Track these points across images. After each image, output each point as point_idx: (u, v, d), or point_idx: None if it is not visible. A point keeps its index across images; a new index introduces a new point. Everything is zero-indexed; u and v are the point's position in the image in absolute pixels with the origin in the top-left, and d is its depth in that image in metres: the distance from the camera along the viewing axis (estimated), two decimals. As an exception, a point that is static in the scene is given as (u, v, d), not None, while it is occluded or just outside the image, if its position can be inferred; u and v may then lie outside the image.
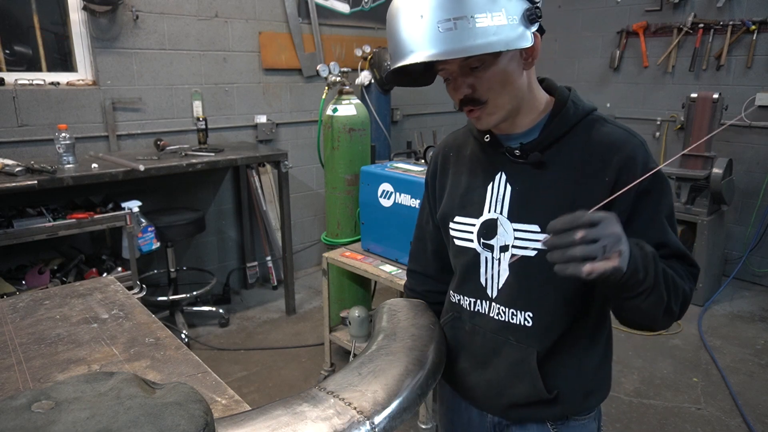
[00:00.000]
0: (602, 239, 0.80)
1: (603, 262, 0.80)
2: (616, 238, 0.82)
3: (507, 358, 1.09)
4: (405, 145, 4.54)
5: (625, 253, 0.83)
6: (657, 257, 0.92)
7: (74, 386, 0.81)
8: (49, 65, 3.27)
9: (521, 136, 1.06)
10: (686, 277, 1.01)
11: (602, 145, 1.01)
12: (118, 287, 1.60)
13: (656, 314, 0.95)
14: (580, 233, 0.79)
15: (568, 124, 1.03)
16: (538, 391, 1.06)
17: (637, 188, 0.96)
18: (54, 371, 1.12)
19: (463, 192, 1.13)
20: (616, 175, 0.99)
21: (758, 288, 4.14)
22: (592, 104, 1.07)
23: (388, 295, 3.26)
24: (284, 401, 0.87)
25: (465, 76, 0.97)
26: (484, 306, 1.11)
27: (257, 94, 4.03)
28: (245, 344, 3.40)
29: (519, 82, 1.00)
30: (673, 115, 4.43)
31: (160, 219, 3.18)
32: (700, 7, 4.18)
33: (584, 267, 0.79)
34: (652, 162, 1.00)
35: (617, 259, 0.82)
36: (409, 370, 0.97)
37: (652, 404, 2.75)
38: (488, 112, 1.00)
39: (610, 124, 1.04)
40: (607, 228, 0.81)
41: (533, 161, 1.03)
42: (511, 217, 1.05)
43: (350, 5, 4.42)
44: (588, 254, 0.79)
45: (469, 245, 1.11)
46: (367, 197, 2.58)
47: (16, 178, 2.58)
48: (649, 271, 0.89)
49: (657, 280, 0.91)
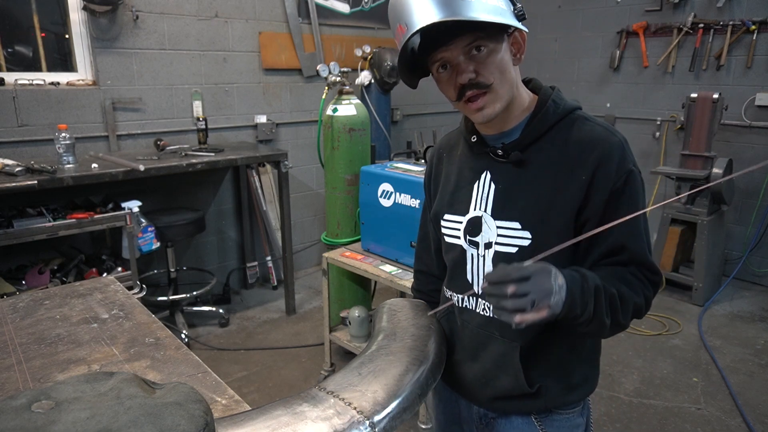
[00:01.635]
0: (532, 293, 0.86)
1: (532, 314, 0.87)
2: (545, 293, 0.88)
3: (492, 351, 1.12)
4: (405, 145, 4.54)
5: (555, 303, 0.89)
6: (600, 288, 0.96)
7: (74, 386, 0.81)
8: (49, 65, 3.27)
9: (505, 135, 1.08)
10: (640, 287, 1.02)
11: (580, 143, 1.02)
12: (118, 287, 1.60)
13: (600, 333, 1.03)
14: (511, 288, 0.85)
15: (548, 123, 1.04)
16: (520, 385, 1.08)
17: (611, 188, 0.99)
18: (54, 371, 1.12)
19: (453, 190, 1.16)
20: (592, 174, 1.00)
21: (758, 288, 4.14)
22: (575, 103, 1.08)
23: (388, 295, 3.26)
24: (284, 401, 0.87)
25: (468, 61, 0.97)
26: (471, 301, 1.14)
27: (257, 94, 4.03)
28: (245, 344, 3.40)
29: (513, 75, 1.02)
30: (673, 115, 4.43)
31: (160, 219, 3.18)
32: (700, 7, 4.18)
33: (515, 318, 0.87)
34: (629, 162, 1.01)
35: (545, 311, 0.88)
36: (409, 370, 0.97)
37: (652, 404, 2.75)
38: (492, 99, 1.00)
39: (591, 123, 1.05)
40: (538, 283, 0.87)
41: (514, 160, 1.05)
42: (494, 215, 1.08)
43: (350, 5, 4.42)
44: (517, 307, 0.86)
45: (457, 242, 1.14)
46: (367, 197, 2.58)
47: (16, 178, 2.58)
48: (588, 306, 0.95)
49: (598, 310, 0.96)
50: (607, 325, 0.99)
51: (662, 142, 4.53)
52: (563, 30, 4.97)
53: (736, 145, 4.15)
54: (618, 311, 0.99)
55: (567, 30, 4.97)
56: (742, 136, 4.13)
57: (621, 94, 4.75)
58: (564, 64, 5.04)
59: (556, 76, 4.99)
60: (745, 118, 4.06)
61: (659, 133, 4.54)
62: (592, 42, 4.84)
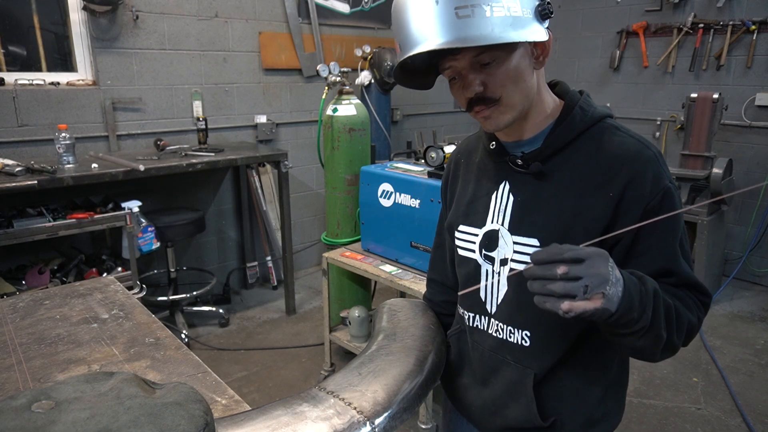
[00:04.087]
0: (585, 278, 0.76)
1: (584, 302, 0.77)
2: (601, 279, 0.77)
3: (504, 378, 1.04)
4: (405, 145, 4.54)
5: (611, 294, 0.78)
6: (659, 293, 0.86)
7: (74, 386, 0.81)
8: (49, 65, 3.27)
9: (526, 144, 1.01)
10: (694, 307, 0.94)
11: (610, 156, 0.93)
12: (118, 287, 1.60)
13: (654, 351, 0.90)
14: (562, 269, 0.76)
15: (574, 132, 0.96)
16: (532, 417, 1.00)
17: (644, 207, 0.90)
18: (54, 371, 1.12)
19: (469, 200, 1.09)
20: (621, 191, 0.91)
21: (758, 288, 4.14)
22: (606, 110, 0.99)
23: (388, 295, 3.26)
24: (284, 401, 0.87)
25: (476, 73, 0.91)
26: (483, 322, 1.08)
27: (257, 94, 4.03)
28: (245, 344, 3.40)
29: (530, 82, 0.94)
30: (673, 115, 4.43)
31: (160, 219, 3.18)
32: (700, 7, 4.18)
33: (563, 304, 0.76)
34: (665, 178, 0.92)
35: (600, 301, 0.77)
36: (409, 370, 0.97)
37: (652, 404, 2.75)
38: (500, 111, 0.93)
39: (623, 134, 0.96)
40: (593, 267, 0.77)
41: (534, 171, 0.97)
42: (511, 229, 1.00)
43: (350, 5, 4.42)
44: (567, 292, 0.76)
45: (471, 255, 1.07)
46: (367, 197, 2.58)
47: (16, 178, 2.58)
48: (647, 310, 0.83)
49: (656, 318, 0.85)
50: (663, 340, 0.87)
51: (662, 142, 4.53)
52: (563, 30, 4.98)
53: (736, 145, 4.15)
54: (673, 326, 0.88)
55: (567, 30, 4.97)
56: (742, 136, 4.13)
57: (621, 94, 4.75)
58: (564, 64, 5.04)
59: (556, 76, 4.88)
60: (745, 118, 4.06)
61: (659, 133, 4.54)
62: (592, 42, 4.85)
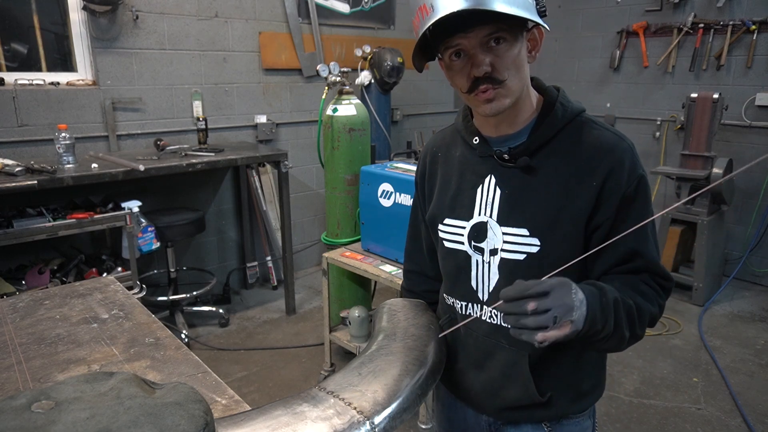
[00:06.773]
0: (553, 309, 0.83)
1: (555, 331, 0.85)
2: (567, 308, 0.85)
3: (500, 361, 1.09)
4: (405, 145, 4.54)
5: (577, 318, 0.87)
6: (618, 301, 0.94)
7: (74, 386, 0.81)
8: (49, 65, 3.27)
9: (511, 138, 1.05)
10: (654, 296, 1.01)
11: (591, 148, 1.00)
12: (118, 287, 1.60)
13: (619, 347, 1.00)
14: (532, 305, 0.82)
15: (557, 127, 1.02)
16: (530, 395, 1.06)
17: (622, 194, 0.98)
18: (54, 371, 1.12)
19: (453, 194, 1.13)
20: (602, 181, 0.98)
21: (758, 288, 4.14)
22: (580, 105, 1.06)
23: (388, 295, 3.25)
24: (284, 401, 0.87)
25: (485, 53, 0.93)
26: (476, 310, 1.11)
27: (257, 94, 4.03)
28: (245, 344, 3.40)
29: (527, 72, 1.00)
30: (673, 115, 4.43)
31: (160, 219, 3.18)
32: (700, 7, 4.18)
33: (537, 336, 0.84)
34: (639, 168, 1.00)
35: (568, 327, 0.87)
36: (409, 370, 0.97)
37: (652, 404, 2.75)
38: (503, 94, 0.96)
39: (600, 127, 1.04)
40: (559, 298, 0.84)
41: (522, 165, 1.02)
42: (500, 221, 1.05)
43: (350, 5, 4.42)
44: (539, 324, 0.83)
45: (460, 247, 1.11)
46: (367, 197, 2.58)
47: (16, 178, 2.58)
48: (609, 320, 0.93)
49: (618, 325, 0.94)
50: (626, 339, 0.97)
51: (662, 142, 4.53)
52: (563, 30, 4.98)
53: (736, 145, 4.15)
54: (635, 323, 0.98)
55: (567, 30, 4.97)
56: (742, 136, 4.13)
57: (621, 94, 4.75)
58: (564, 64, 5.04)
59: (556, 76, 4.99)
60: (745, 118, 4.06)
61: (659, 133, 4.54)
62: (592, 42, 4.84)
